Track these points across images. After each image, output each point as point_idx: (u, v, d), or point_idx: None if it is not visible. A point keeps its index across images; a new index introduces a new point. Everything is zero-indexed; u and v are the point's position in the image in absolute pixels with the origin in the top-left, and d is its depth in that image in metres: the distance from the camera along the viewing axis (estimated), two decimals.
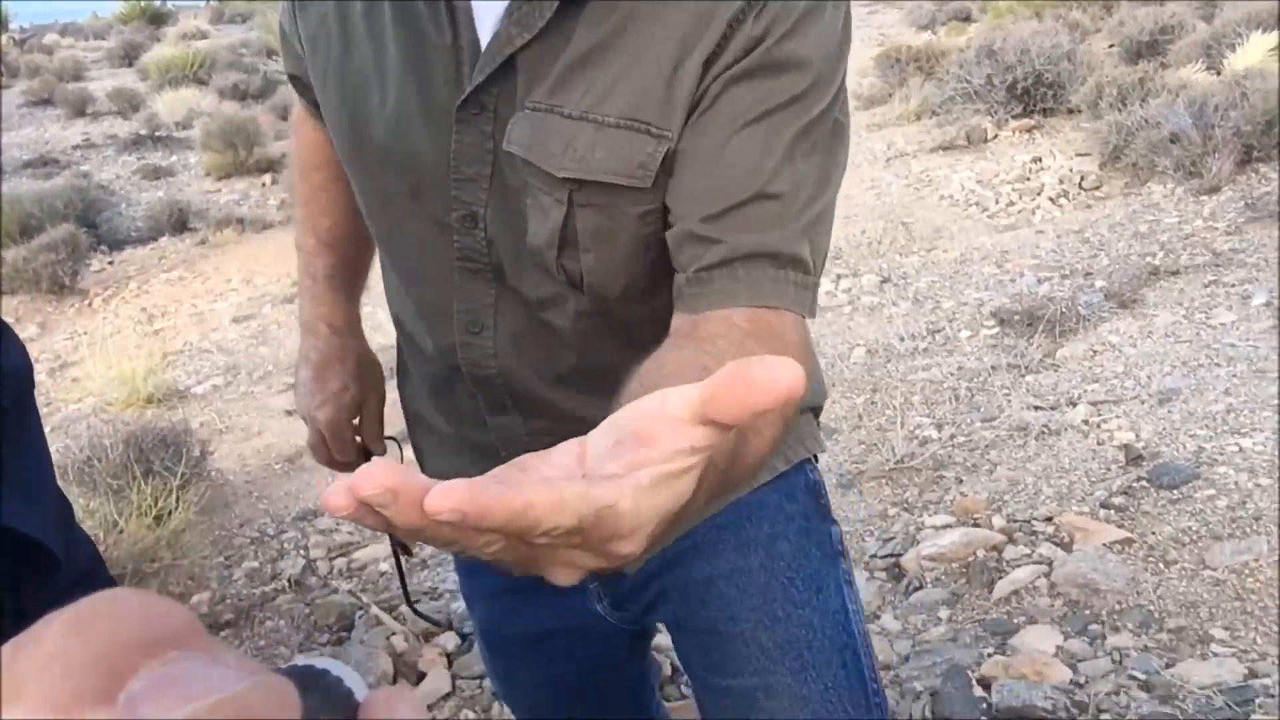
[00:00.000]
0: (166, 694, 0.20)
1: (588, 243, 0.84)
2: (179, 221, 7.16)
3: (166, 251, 6.86)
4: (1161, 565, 2.40)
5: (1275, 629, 2.12)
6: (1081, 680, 2.08)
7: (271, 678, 0.22)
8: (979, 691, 2.08)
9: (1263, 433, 2.84)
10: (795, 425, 1.04)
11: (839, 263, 5.10)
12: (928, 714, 2.06)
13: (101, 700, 0.20)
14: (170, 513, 3.29)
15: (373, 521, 0.38)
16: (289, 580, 3.11)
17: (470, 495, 0.37)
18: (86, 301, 6.22)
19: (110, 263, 6.71)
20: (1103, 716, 1.95)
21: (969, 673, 2.14)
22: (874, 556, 2.70)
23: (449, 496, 0.37)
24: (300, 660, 0.29)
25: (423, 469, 1.17)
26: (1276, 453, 2.71)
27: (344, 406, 1.18)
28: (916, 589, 2.53)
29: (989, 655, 2.20)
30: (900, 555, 2.67)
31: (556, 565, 0.44)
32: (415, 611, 1.35)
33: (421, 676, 2.47)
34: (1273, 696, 1.91)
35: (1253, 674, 2.00)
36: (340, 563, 3.19)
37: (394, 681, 2.43)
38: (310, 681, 0.28)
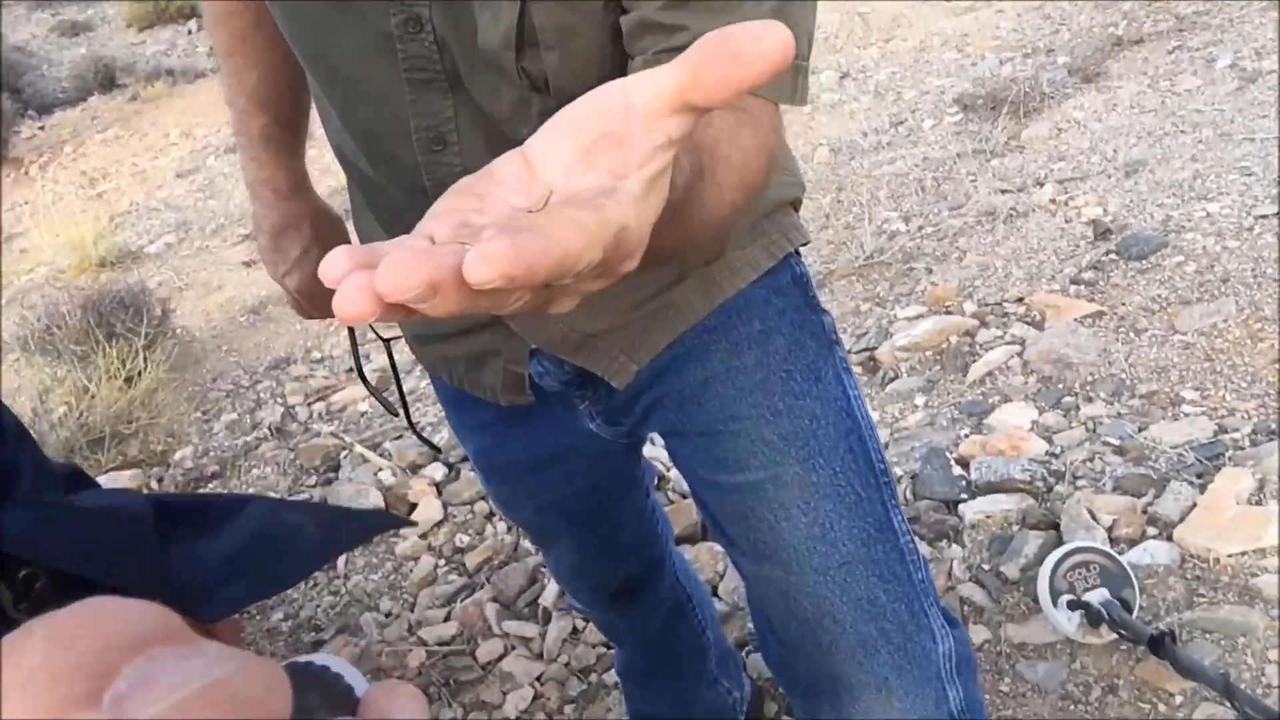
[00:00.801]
0: (150, 689, 0.20)
1: (550, 40, 0.77)
2: (106, 79, 6.85)
3: (98, 111, 6.58)
4: (1132, 334, 2.42)
5: (1244, 385, 2.16)
6: (1057, 450, 2.12)
7: (256, 659, 0.22)
8: (958, 470, 2.13)
9: (1229, 196, 2.82)
10: (777, 219, 1.01)
11: None
12: (909, 495, 2.10)
13: (88, 704, 0.20)
14: (140, 373, 3.25)
15: (395, 316, 0.35)
16: (270, 428, 3.11)
17: (515, 256, 0.34)
18: (22, 170, 6.00)
19: (41, 128, 6.44)
20: (1079, 482, 2.00)
21: (947, 454, 2.18)
22: (849, 352, 2.71)
23: (493, 264, 0.34)
24: (300, 658, 0.30)
25: None
26: (1242, 215, 2.71)
27: (310, 273, 1.13)
28: (892, 379, 2.55)
29: (966, 436, 2.24)
30: (875, 349, 2.68)
31: (565, 298, 0.41)
32: (417, 435, 1.30)
33: (413, 507, 2.50)
34: (1242, 448, 1.95)
35: (1222, 429, 2.04)
36: (319, 406, 3.19)
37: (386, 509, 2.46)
38: (309, 678, 0.29)
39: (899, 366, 2.58)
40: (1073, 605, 1.64)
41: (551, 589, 2.13)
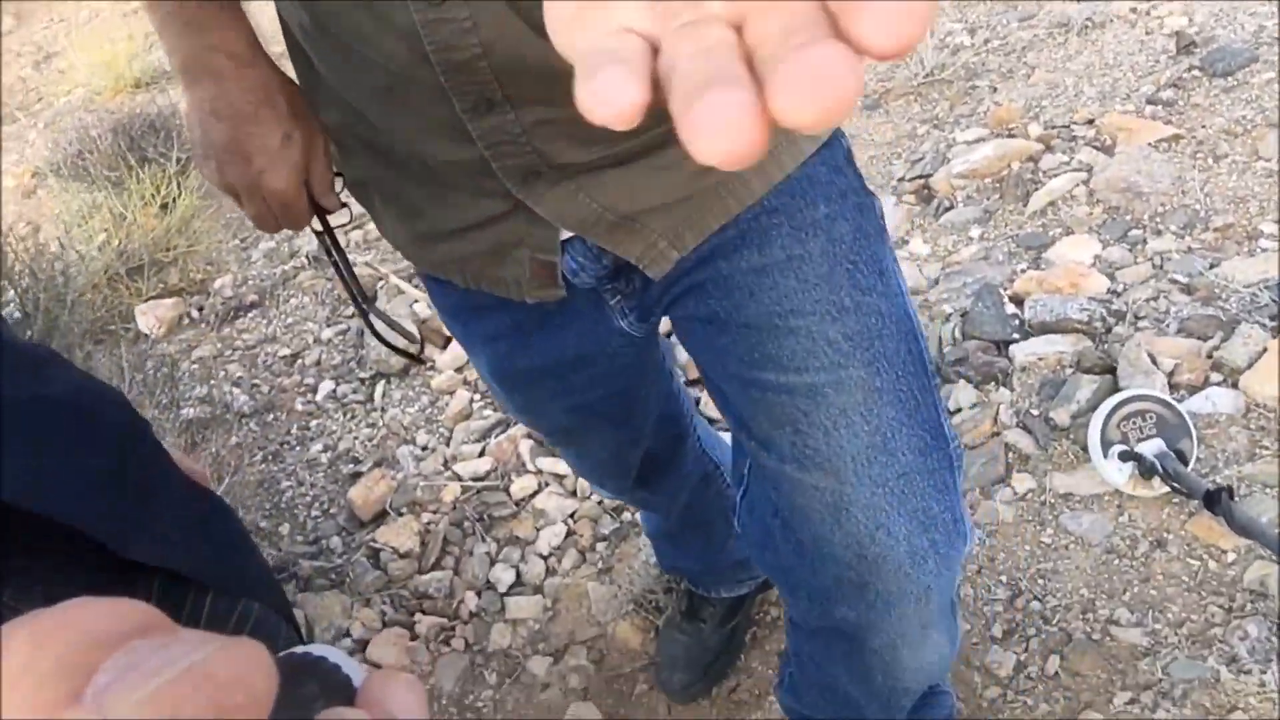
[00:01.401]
0: (130, 678, 0.21)
1: None
2: None
3: None
4: (1210, 161, 2.24)
5: None
6: (1119, 289, 1.99)
7: (237, 641, 0.22)
8: (1011, 309, 2.02)
9: None
10: None
11: None
12: (957, 334, 2.01)
13: (72, 702, 0.20)
14: (175, 200, 3.20)
15: None
16: (308, 257, 3.06)
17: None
18: None
19: None
20: (1140, 323, 1.88)
21: (1001, 290, 2.07)
22: (901, 180, 2.57)
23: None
24: (298, 649, 0.29)
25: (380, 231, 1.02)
26: None
27: (295, 165, 0.89)
28: (947, 209, 2.41)
29: (1022, 271, 2.11)
30: (929, 176, 2.52)
31: None
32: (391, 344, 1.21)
33: (448, 340, 2.46)
34: None
35: None
36: (356, 235, 3.12)
37: (420, 343, 2.43)
38: (308, 668, 0.28)
39: (955, 195, 2.43)
40: (1125, 456, 1.56)
41: None
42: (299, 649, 0.29)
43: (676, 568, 1.68)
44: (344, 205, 0.95)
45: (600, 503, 1.98)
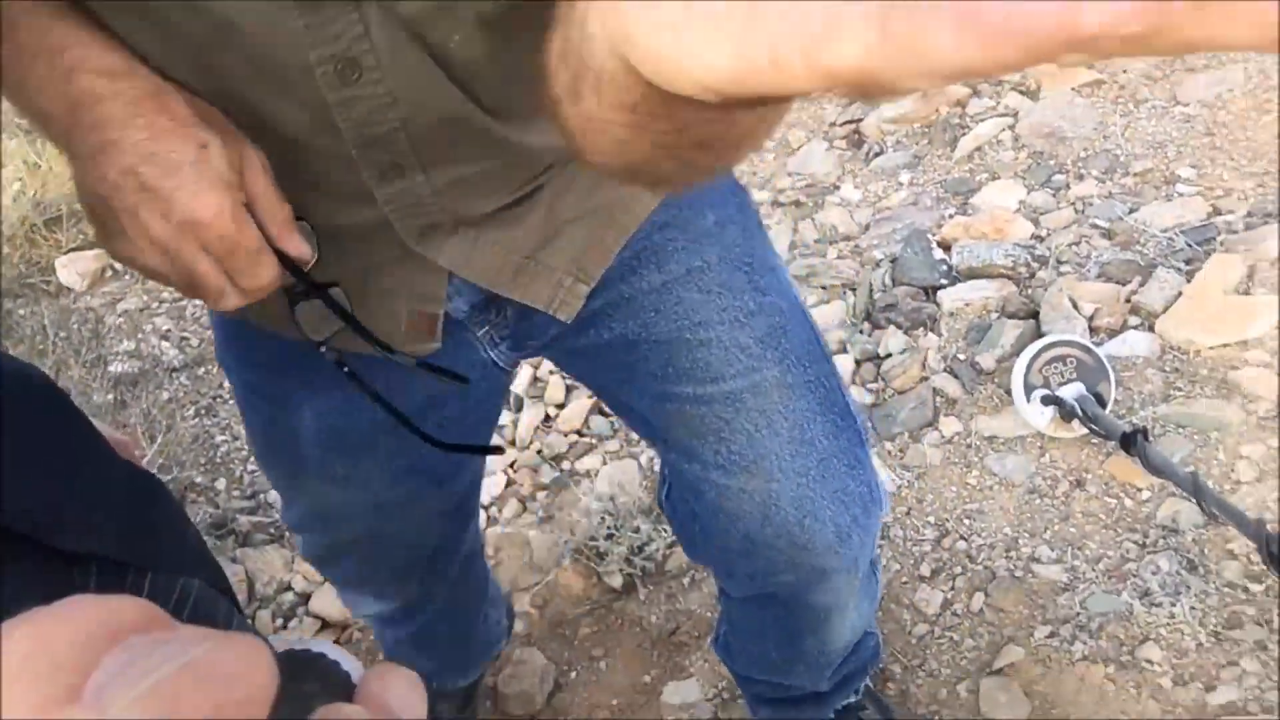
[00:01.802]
0: (129, 674, 0.20)
1: None
2: None
3: None
4: (1131, 105, 2.29)
5: (1244, 162, 2.06)
6: (1043, 234, 2.05)
7: (236, 636, 0.22)
8: (939, 254, 2.06)
9: None
10: None
11: None
12: (887, 280, 2.05)
13: (70, 700, 0.20)
14: None
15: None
16: None
17: None
18: None
19: None
20: (1063, 268, 1.94)
21: (929, 236, 2.11)
22: (832, 124, 2.58)
23: None
24: (297, 646, 0.30)
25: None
26: None
27: (221, 180, 0.63)
28: (877, 154, 2.44)
29: (950, 217, 2.15)
30: (860, 120, 2.55)
31: None
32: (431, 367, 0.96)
33: None
34: (1235, 232, 1.88)
35: (1216, 211, 1.96)
36: None
37: None
38: (307, 663, 0.30)
39: (885, 140, 2.46)
40: (1046, 400, 1.62)
41: (524, 376, 2.10)
42: (299, 645, 0.30)
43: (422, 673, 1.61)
44: (315, 251, 0.72)
45: (539, 452, 2.00)
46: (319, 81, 0.63)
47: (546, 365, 2.11)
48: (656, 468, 1.75)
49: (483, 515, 1.92)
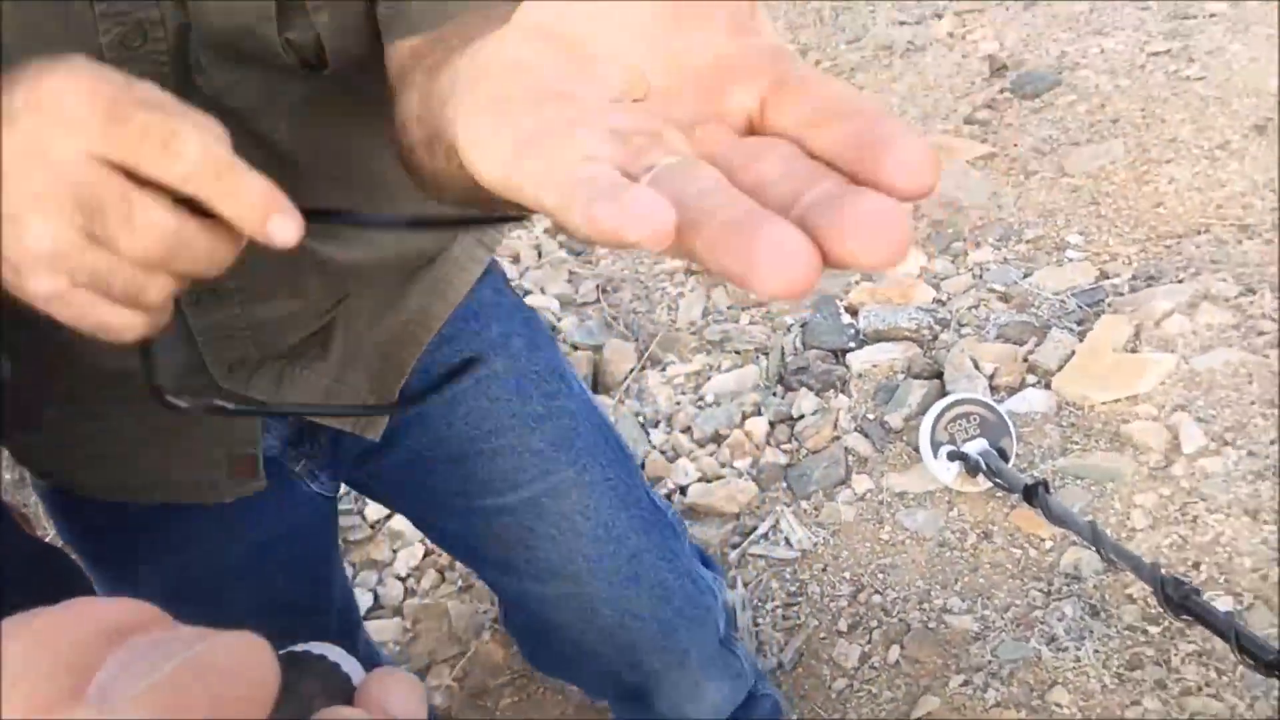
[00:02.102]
0: (131, 672, 0.21)
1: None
2: None
3: None
4: (1022, 177, 2.42)
5: (1127, 229, 2.18)
6: (944, 298, 2.13)
7: (235, 634, 0.22)
8: (847, 319, 2.13)
9: (1124, 31, 2.79)
10: None
11: None
12: (798, 344, 2.10)
13: (74, 699, 0.20)
14: None
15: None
16: None
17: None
18: None
19: None
20: (963, 330, 2.02)
21: (838, 301, 2.18)
22: None
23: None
24: (298, 647, 0.29)
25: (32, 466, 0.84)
26: (1135, 51, 2.69)
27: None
28: None
29: (856, 283, 2.23)
30: None
31: None
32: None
33: None
34: (1121, 294, 1.99)
35: (1104, 275, 2.07)
36: None
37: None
38: (307, 666, 0.28)
39: None
40: (952, 456, 1.67)
41: None
42: (299, 647, 0.29)
43: None
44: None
45: None
46: None
47: None
48: None
49: (400, 586, 1.90)
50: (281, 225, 0.43)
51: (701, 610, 1.02)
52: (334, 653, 0.29)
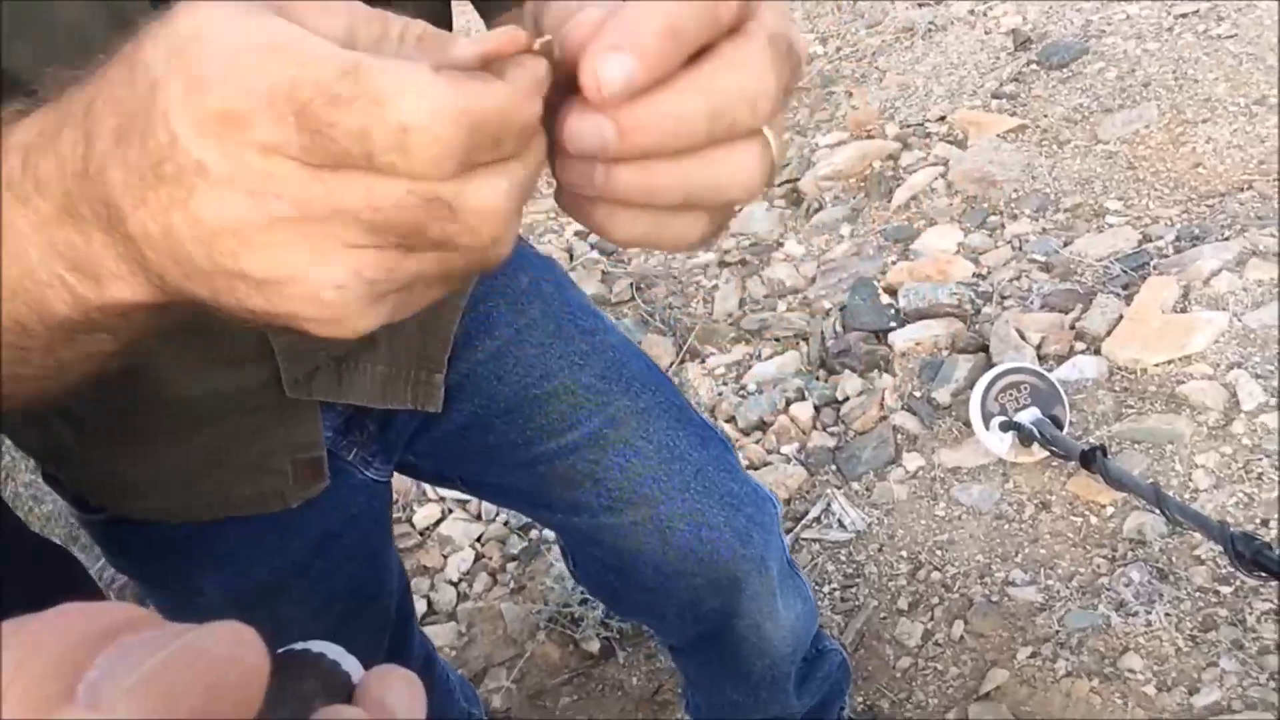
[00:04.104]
0: (121, 669, 0.21)
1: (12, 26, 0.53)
2: None
3: None
4: (1055, 147, 2.38)
5: (1167, 191, 2.14)
6: (984, 272, 2.10)
7: (223, 623, 0.22)
8: (886, 299, 2.10)
9: None
10: None
11: None
12: (838, 328, 2.08)
13: (65, 700, 0.20)
14: None
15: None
16: None
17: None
18: None
19: None
20: (1006, 302, 1.99)
21: (875, 283, 2.15)
22: (771, 185, 2.65)
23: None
24: (297, 645, 0.29)
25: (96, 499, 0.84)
26: (1162, 15, 2.64)
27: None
28: (817, 210, 2.49)
29: (893, 263, 2.21)
30: (797, 180, 2.61)
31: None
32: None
33: None
34: (1166, 256, 1.95)
35: (1146, 238, 2.03)
36: None
37: None
38: (306, 664, 0.28)
39: (823, 196, 2.53)
40: (1005, 426, 1.64)
41: None
42: (298, 645, 0.29)
43: None
44: None
45: (506, 523, 1.98)
46: None
47: None
48: None
49: (453, 591, 1.89)
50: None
51: (769, 517, 1.01)
52: (333, 651, 0.29)
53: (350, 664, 0.29)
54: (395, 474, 0.98)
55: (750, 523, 0.98)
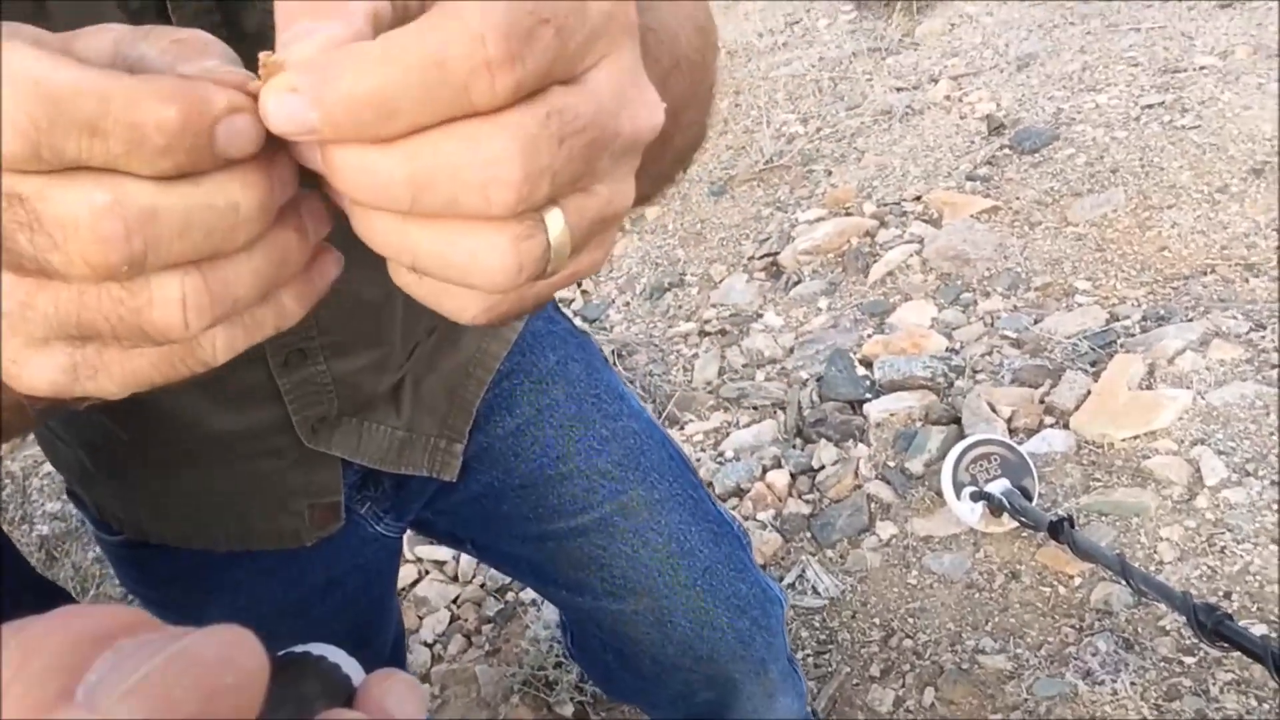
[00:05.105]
0: (119, 671, 0.21)
1: None
2: None
3: None
4: (1027, 228, 2.46)
5: (1134, 272, 2.21)
6: (957, 346, 2.15)
7: (219, 626, 0.22)
8: (862, 371, 2.15)
9: (1116, 87, 2.86)
10: None
11: None
12: (815, 398, 2.12)
13: (64, 701, 0.20)
14: None
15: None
16: None
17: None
18: None
19: None
20: (979, 376, 2.03)
21: (851, 354, 2.20)
22: (751, 259, 2.71)
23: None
24: (297, 648, 0.29)
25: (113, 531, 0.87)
26: (1130, 105, 2.75)
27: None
28: (795, 283, 2.55)
29: (869, 336, 2.26)
30: (777, 254, 2.67)
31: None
32: None
33: None
34: (1133, 335, 2.01)
35: (1114, 317, 2.09)
36: None
37: None
38: (307, 667, 0.28)
39: (801, 270, 2.59)
40: (975, 496, 1.68)
41: None
42: (299, 648, 0.29)
43: None
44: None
45: (483, 585, 1.98)
46: None
47: None
48: None
49: (427, 653, 1.89)
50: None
51: (775, 621, 1.02)
52: (334, 653, 0.29)
53: (351, 667, 0.29)
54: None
55: (754, 626, 0.98)
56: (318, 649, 0.29)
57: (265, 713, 0.22)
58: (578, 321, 2.63)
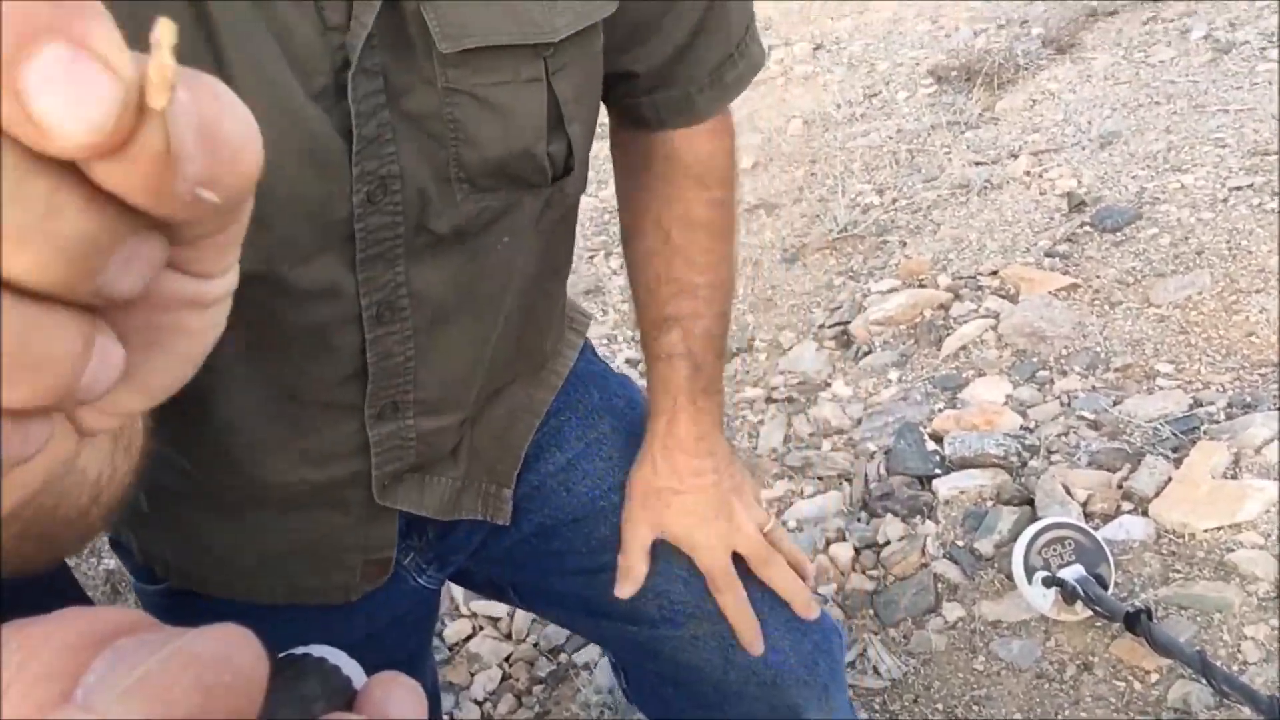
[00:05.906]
0: (118, 671, 0.20)
1: (572, 111, 0.68)
2: None
3: None
4: (1107, 307, 2.40)
5: (1219, 357, 2.14)
6: (1031, 425, 2.10)
7: (218, 625, 0.22)
8: (932, 446, 2.10)
9: (1203, 167, 2.80)
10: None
11: (769, 33, 4.88)
12: (882, 471, 2.08)
13: (62, 704, 0.20)
14: None
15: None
16: None
17: None
18: None
19: None
20: (1053, 457, 1.98)
21: (921, 429, 2.16)
22: (822, 326, 2.68)
23: None
24: (298, 649, 0.29)
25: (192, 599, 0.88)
26: (1216, 186, 2.69)
27: None
28: (866, 354, 2.52)
29: (940, 410, 2.21)
30: (848, 323, 2.65)
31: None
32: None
33: None
34: (1217, 422, 1.94)
35: (1197, 403, 2.02)
36: None
37: None
38: (308, 668, 0.28)
39: (872, 340, 2.55)
40: (1048, 582, 1.62)
41: None
42: (299, 649, 0.29)
43: None
44: None
45: (536, 645, 1.96)
46: (363, 325, 0.69)
47: None
48: None
49: (477, 710, 1.87)
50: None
51: (837, 647, 1.00)
52: (335, 655, 0.29)
53: (352, 668, 0.29)
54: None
55: (816, 649, 0.96)
56: (318, 650, 0.29)
57: (265, 713, 0.22)
58: (641, 383, 2.63)
